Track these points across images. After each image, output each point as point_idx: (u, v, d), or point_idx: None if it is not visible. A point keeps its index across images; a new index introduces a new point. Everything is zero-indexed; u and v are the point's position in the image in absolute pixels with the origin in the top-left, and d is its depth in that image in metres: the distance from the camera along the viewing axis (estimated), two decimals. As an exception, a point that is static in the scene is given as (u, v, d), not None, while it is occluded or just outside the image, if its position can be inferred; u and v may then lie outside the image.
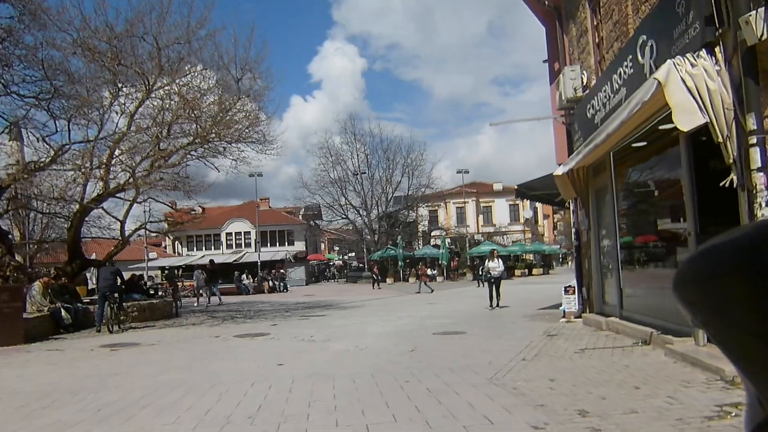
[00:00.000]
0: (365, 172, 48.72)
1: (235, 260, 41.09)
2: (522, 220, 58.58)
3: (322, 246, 76.15)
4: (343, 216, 50.07)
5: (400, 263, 43.25)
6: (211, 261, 25.76)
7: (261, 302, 21.42)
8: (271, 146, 15.77)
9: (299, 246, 57.47)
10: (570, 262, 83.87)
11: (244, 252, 48.98)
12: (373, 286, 29.91)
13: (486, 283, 15.66)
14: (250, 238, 57.35)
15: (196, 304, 20.04)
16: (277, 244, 57.32)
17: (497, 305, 13.85)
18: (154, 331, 11.84)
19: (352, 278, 47.54)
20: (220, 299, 21.07)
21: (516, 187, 12.37)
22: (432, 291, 24.71)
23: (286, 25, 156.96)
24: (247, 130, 14.95)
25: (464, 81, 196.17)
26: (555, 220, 79.91)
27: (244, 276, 30.04)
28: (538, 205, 63.44)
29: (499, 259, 14.74)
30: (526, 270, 47.41)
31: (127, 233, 17.21)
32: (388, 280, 41.73)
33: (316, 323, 12.15)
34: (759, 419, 0.47)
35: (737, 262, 0.44)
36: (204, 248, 56.11)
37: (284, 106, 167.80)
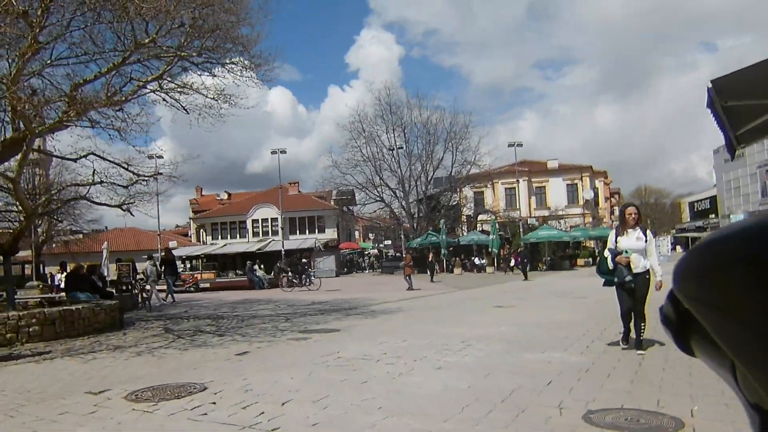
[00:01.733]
0: (402, 147, 42.87)
1: (258, 249, 36.34)
2: (581, 202, 51.37)
3: (357, 234, 71.10)
4: (378, 198, 44.42)
5: (443, 251, 37.37)
6: (167, 250, 21.17)
7: (265, 301, 16.19)
8: (266, 68, 10.42)
9: (330, 233, 52.58)
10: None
11: (269, 240, 44.31)
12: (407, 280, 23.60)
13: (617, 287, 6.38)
14: (277, 225, 53.01)
15: (140, 306, 14.84)
16: (307, 231, 52.77)
17: (640, 338, 6.15)
18: (13, 370, 6.59)
19: (388, 269, 42.00)
20: (173, 298, 17.31)
21: (709, 85, 6.24)
22: (412, 288, 19.42)
23: (323, 14, 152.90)
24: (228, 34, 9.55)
25: (504, 66, 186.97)
26: (612, 202, 71.92)
27: (256, 267, 25.01)
28: (599, 185, 56.16)
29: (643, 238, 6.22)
30: (590, 259, 40.59)
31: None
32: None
33: (310, 356, 6.56)
34: (758, 425, 0.45)
35: (740, 255, 0.42)
36: (230, 236, 52.40)
37: (322, 95, 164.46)
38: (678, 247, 59.09)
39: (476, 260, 38.57)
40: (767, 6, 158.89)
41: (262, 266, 27.92)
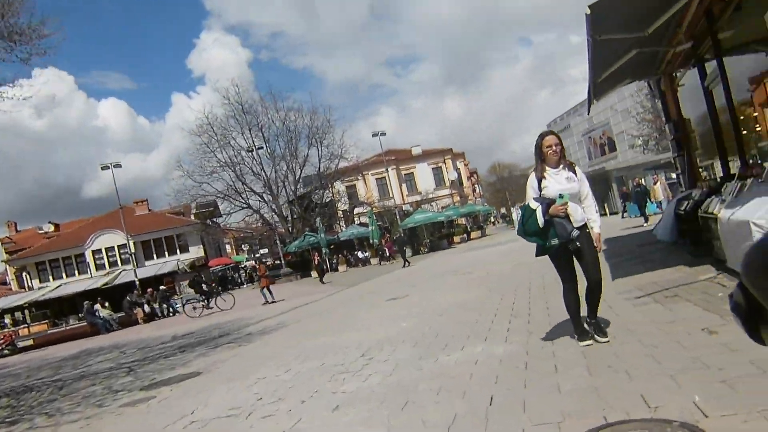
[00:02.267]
0: (261, 148, 40.11)
1: (105, 284, 31.01)
2: (447, 183, 53.33)
3: (228, 247, 66.19)
4: (244, 204, 41.16)
5: (324, 250, 35.69)
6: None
7: (108, 349, 12.94)
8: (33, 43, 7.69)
9: (195, 252, 47.84)
10: (496, 223, 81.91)
11: (118, 271, 38.65)
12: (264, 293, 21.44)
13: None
14: (126, 253, 46.73)
15: None
16: (166, 253, 47.31)
17: (598, 321, 4.43)
18: None
19: (269, 279, 39.12)
20: None
21: (588, 11, 5.42)
22: (270, 302, 17.31)
23: (154, 17, 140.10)
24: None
25: (356, 64, 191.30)
26: (473, 181, 76.65)
27: (98, 306, 20.69)
28: (461, 165, 58.99)
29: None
30: (465, 235, 42.11)
31: None
32: (313, 273, 34.06)
33: (149, 429, 4.50)
34: None
35: None
36: (64, 275, 44.54)
37: (165, 105, 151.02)
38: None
39: (359, 254, 37.58)
40: (564, 6, 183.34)
41: (106, 304, 23.06)
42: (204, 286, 20.57)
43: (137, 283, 31.69)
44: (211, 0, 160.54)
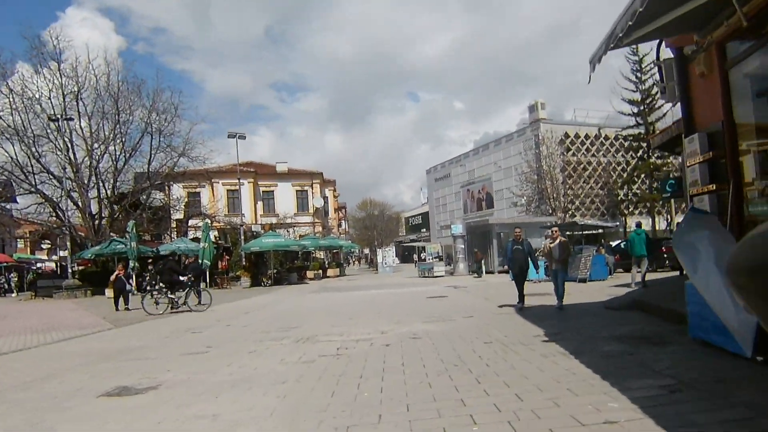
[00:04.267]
0: (72, 119, 30.19)
1: None
2: (311, 210, 47.32)
3: (20, 243, 51.27)
4: (32, 189, 30.35)
5: (132, 264, 26.66)
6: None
7: None
8: None
9: (-41, 241, 34.92)
10: (357, 263, 77.12)
11: None
12: (117, 300, 15.86)
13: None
14: None
15: None
16: None
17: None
18: None
19: (45, 290, 28.60)
20: None
21: None
22: None
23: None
24: None
25: (241, 80, 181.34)
26: (340, 215, 71.75)
27: None
28: (329, 194, 53.62)
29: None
30: (321, 271, 36.14)
31: None
32: (107, 292, 24.97)
33: None
34: None
35: None
36: None
37: (17, 80, 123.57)
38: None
39: (181, 277, 29.11)
40: (452, 72, 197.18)
41: None
42: (179, 277, 14.68)
43: None
44: None
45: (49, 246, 56.00)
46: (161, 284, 14.73)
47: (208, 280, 28.86)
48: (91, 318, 14.03)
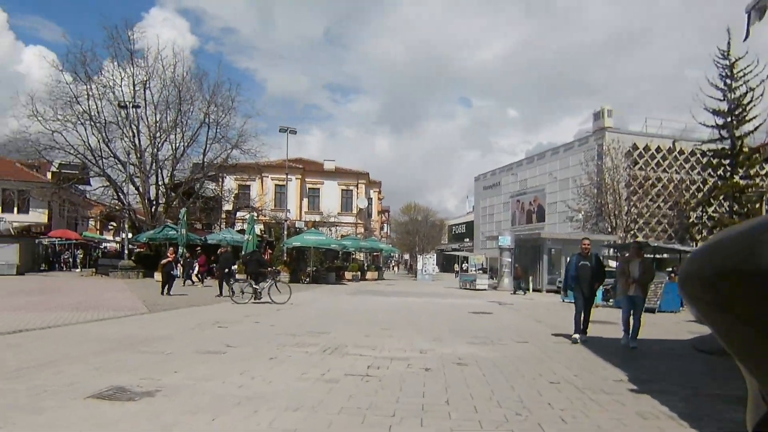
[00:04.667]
0: (139, 107, 31.03)
1: None
2: (355, 210, 46.87)
3: (91, 222, 53.75)
4: (100, 172, 31.49)
5: (181, 250, 26.89)
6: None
7: None
8: None
9: (36, 216, 36.98)
10: (396, 268, 76.04)
11: None
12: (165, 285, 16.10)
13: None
14: None
15: None
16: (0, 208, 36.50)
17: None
18: None
19: (103, 268, 29.55)
20: None
21: None
22: None
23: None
24: None
25: (298, 81, 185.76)
26: (383, 218, 71.13)
27: None
28: (374, 195, 53.08)
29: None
30: (359, 272, 35.48)
31: None
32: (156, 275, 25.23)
33: None
34: (762, 413, 0.48)
35: (743, 259, 0.43)
36: None
37: (96, 69, 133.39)
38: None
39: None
40: (507, 78, 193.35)
41: None
42: (262, 267, 15.08)
43: None
44: None
45: (115, 227, 58.50)
46: (248, 274, 14.72)
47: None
48: (132, 300, 13.89)
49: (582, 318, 8.12)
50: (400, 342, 7.40)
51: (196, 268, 22.34)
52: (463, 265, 53.58)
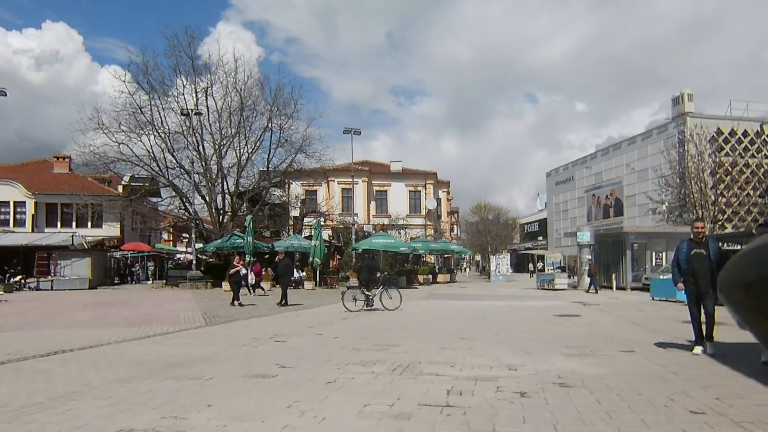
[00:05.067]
0: (201, 114, 31.89)
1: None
2: (424, 212, 45.83)
3: (164, 235, 56.70)
4: (166, 182, 32.62)
5: (248, 258, 27.30)
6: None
7: None
8: None
9: (109, 230, 39.13)
10: (468, 270, 73.96)
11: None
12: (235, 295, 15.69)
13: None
14: (24, 212, 38.11)
15: None
16: (74, 224, 38.74)
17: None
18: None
19: (173, 280, 30.56)
20: None
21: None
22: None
23: (178, 1, 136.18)
24: None
25: (363, 87, 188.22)
26: (452, 219, 69.41)
27: None
28: (443, 196, 51.75)
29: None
30: (431, 276, 34.37)
31: None
32: (224, 285, 25.70)
33: None
34: None
35: None
36: None
37: (170, 85, 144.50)
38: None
39: (295, 273, 29.29)
40: (574, 73, 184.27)
41: None
42: (376, 274, 14.69)
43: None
44: None
45: (187, 238, 61.40)
46: (360, 282, 14.31)
47: (317, 279, 28.74)
48: (192, 312, 13.76)
49: (702, 322, 6.57)
50: (484, 356, 6.31)
51: (252, 278, 22.23)
52: (538, 264, 50.87)
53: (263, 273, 25.60)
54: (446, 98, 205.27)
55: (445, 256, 47.19)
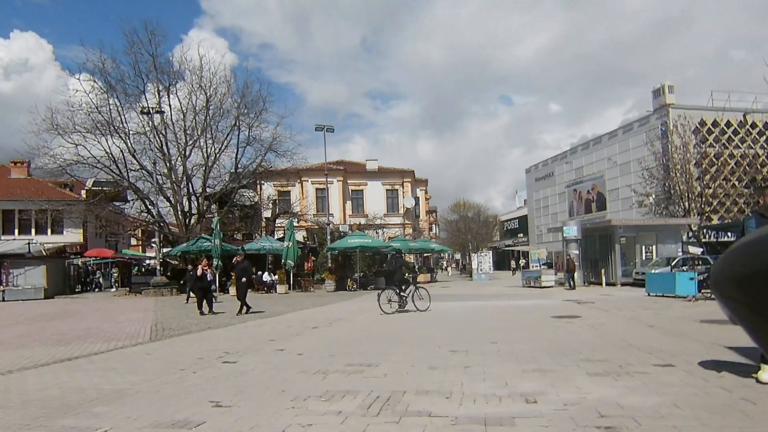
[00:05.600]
0: (164, 112, 29.84)
1: None
2: (402, 211, 44.42)
3: (133, 240, 53.97)
4: (127, 184, 30.49)
5: (216, 263, 25.46)
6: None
7: None
8: None
9: (72, 236, 36.78)
10: (449, 269, 72.75)
11: None
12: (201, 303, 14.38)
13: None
14: None
15: None
16: (33, 230, 36.39)
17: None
18: None
19: (137, 287, 28.44)
20: None
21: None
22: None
23: (150, 7, 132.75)
24: None
25: (338, 91, 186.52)
26: (431, 219, 68.20)
27: None
28: (421, 194, 50.38)
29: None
30: (410, 276, 32.88)
31: None
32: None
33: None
34: None
35: None
36: None
37: (138, 93, 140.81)
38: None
39: (265, 276, 27.53)
40: (548, 73, 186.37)
41: None
42: (408, 274, 14.12)
43: None
44: (208, 1, 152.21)
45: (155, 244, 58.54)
46: (394, 282, 13.16)
47: (291, 282, 27.05)
48: (142, 323, 11.99)
49: None
50: (487, 379, 4.84)
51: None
52: (519, 261, 49.94)
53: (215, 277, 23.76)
54: (421, 100, 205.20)
55: (425, 255, 45.87)
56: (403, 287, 12.78)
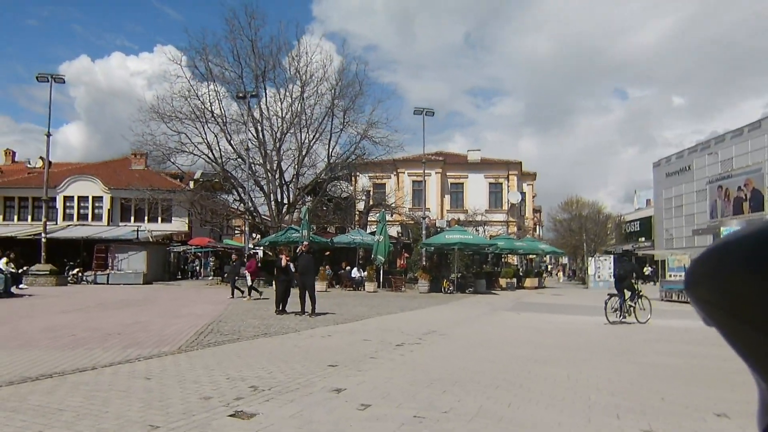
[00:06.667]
0: (257, 96, 29.12)
1: (31, 234, 21.29)
2: (506, 207, 40.36)
3: (238, 231, 55.84)
4: (220, 170, 30.32)
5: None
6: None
7: None
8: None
9: (178, 225, 38.09)
10: (560, 275, 66.20)
11: (69, 225, 29.52)
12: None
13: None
14: (101, 207, 38.07)
15: None
16: (146, 218, 38.20)
17: None
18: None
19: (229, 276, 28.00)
20: None
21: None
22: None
23: (266, 19, 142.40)
24: None
25: (439, 89, 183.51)
26: (536, 217, 62.59)
27: None
28: (527, 189, 45.79)
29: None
30: (515, 279, 29.12)
31: None
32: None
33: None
34: None
35: (750, 259, 0.41)
36: (30, 216, 36.90)
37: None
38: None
39: (354, 272, 25.55)
40: (669, 63, 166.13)
41: (10, 255, 17.36)
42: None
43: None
44: (319, 6, 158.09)
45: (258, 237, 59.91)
46: (622, 288, 12.32)
47: (381, 280, 24.81)
48: (197, 320, 10.14)
49: None
50: None
51: (248, 277, 18.50)
52: (646, 269, 43.33)
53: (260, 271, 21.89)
54: (526, 96, 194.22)
55: (530, 257, 41.36)
56: (631, 295, 11.92)
